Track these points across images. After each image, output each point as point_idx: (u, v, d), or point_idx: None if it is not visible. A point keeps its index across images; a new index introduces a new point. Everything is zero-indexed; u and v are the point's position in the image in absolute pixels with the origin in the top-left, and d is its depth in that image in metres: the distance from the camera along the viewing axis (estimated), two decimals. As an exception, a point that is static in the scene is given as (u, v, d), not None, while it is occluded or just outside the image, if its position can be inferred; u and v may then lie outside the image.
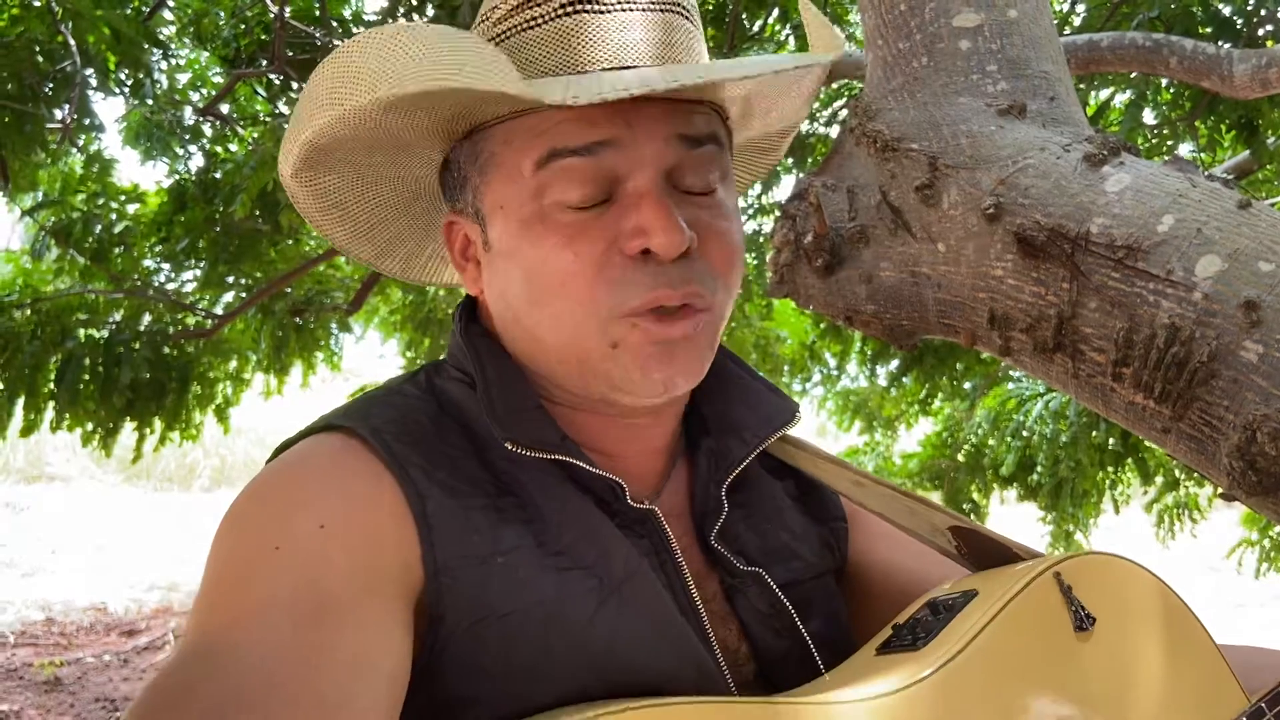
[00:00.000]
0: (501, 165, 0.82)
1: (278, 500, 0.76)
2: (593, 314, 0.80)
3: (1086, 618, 0.79)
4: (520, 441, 0.80)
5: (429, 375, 0.91)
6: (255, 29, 4.77)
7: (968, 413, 6.35)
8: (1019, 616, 0.76)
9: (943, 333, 1.16)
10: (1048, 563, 0.81)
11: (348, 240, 0.98)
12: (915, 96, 1.18)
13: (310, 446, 0.81)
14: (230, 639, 0.65)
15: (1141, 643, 0.82)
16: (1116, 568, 0.85)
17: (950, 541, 0.91)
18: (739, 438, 0.92)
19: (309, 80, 0.81)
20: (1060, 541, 6.01)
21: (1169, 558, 6.01)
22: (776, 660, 0.86)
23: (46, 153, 4.28)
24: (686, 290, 0.80)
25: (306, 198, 0.92)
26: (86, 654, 6.79)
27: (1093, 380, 1.02)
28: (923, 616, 0.80)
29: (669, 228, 0.77)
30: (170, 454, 10.84)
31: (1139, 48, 3.08)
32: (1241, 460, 0.89)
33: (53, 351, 4.89)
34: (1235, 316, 0.90)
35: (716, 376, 0.97)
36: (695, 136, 0.82)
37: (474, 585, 0.74)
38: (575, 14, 0.81)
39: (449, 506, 0.76)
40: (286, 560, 0.70)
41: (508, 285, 0.85)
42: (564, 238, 0.79)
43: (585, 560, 0.78)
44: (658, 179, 0.80)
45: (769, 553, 0.91)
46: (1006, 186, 1.06)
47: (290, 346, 5.68)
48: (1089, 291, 0.99)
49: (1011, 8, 1.19)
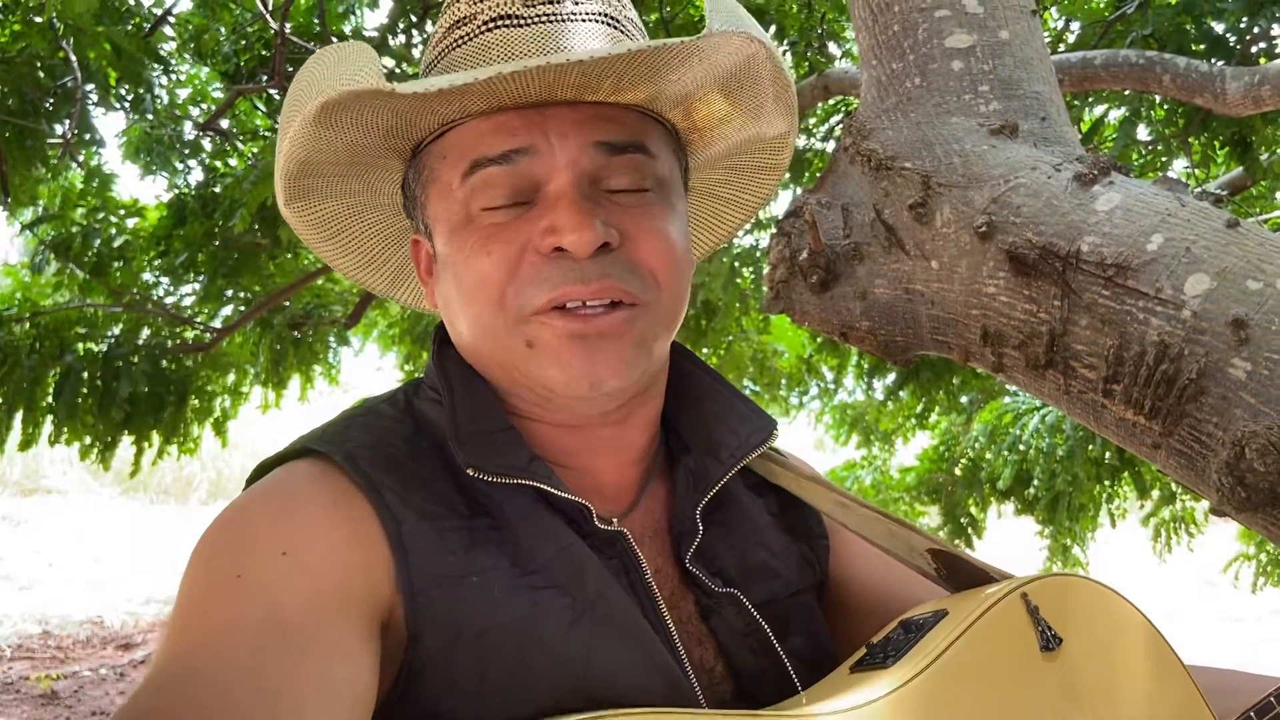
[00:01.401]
0: (438, 180, 0.86)
1: (244, 528, 0.77)
2: (501, 313, 0.82)
3: (1053, 638, 0.80)
4: (484, 468, 0.81)
5: (407, 395, 0.92)
6: (256, 45, 4.79)
7: (965, 427, 6.35)
8: (985, 635, 0.77)
9: (936, 349, 1.17)
10: (1016, 583, 0.82)
11: (356, 269, 1.01)
12: (909, 116, 1.19)
13: (283, 474, 0.82)
14: (193, 664, 0.67)
15: (1109, 664, 0.83)
16: (1085, 589, 0.85)
17: (929, 563, 0.92)
18: (717, 457, 0.93)
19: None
20: (1058, 555, 6.00)
21: (1166, 572, 6.01)
22: (754, 679, 0.86)
23: (47, 167, 4.30)
24: (600, 285, 0.81)
25: (305, 227, 0.94)
26: (83, 667, 6.78)
27: (1084, 396, 1.03)
28: (895, 635, 0.81)
29: (579, 225, 0.79)
30: (167, 467, 10.81)
31: (1132, 65, 3.10)
32: (1231, 476, 0.90)
33: (51, 365, 4.89)
34: (1224, 334, 0.91)
35: (695, 392, 0.98)
36: (616, 143, 0.83)
37: (449, 605, 0.75)
38: (497, 29, 0.84)
39: (423, 529, 0.77)
40: (249, 588, 0.71)
41: (446, 294, 0.88)
42: (482, 240, 0.82)
43: (558, 579, 0.79)
44: (574, 180, 0.82)
45: (747, 571, 0.92)
46: (998, 205, 1.07)
47: (288, 360, 5.68)
48: (1080, 309, 1.00)
49: (1003, 29, 1.20)
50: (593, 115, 0.84)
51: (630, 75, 0.81)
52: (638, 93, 0.86)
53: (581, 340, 0.81)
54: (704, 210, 1.09)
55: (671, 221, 0.87)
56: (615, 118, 0.85)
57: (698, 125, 0.96)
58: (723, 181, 1.06)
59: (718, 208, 1.09)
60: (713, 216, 1.10)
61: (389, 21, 4.28)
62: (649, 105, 0.89)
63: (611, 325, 0.82)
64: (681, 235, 0.89)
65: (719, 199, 1.08)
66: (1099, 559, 6.94)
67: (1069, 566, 6.03)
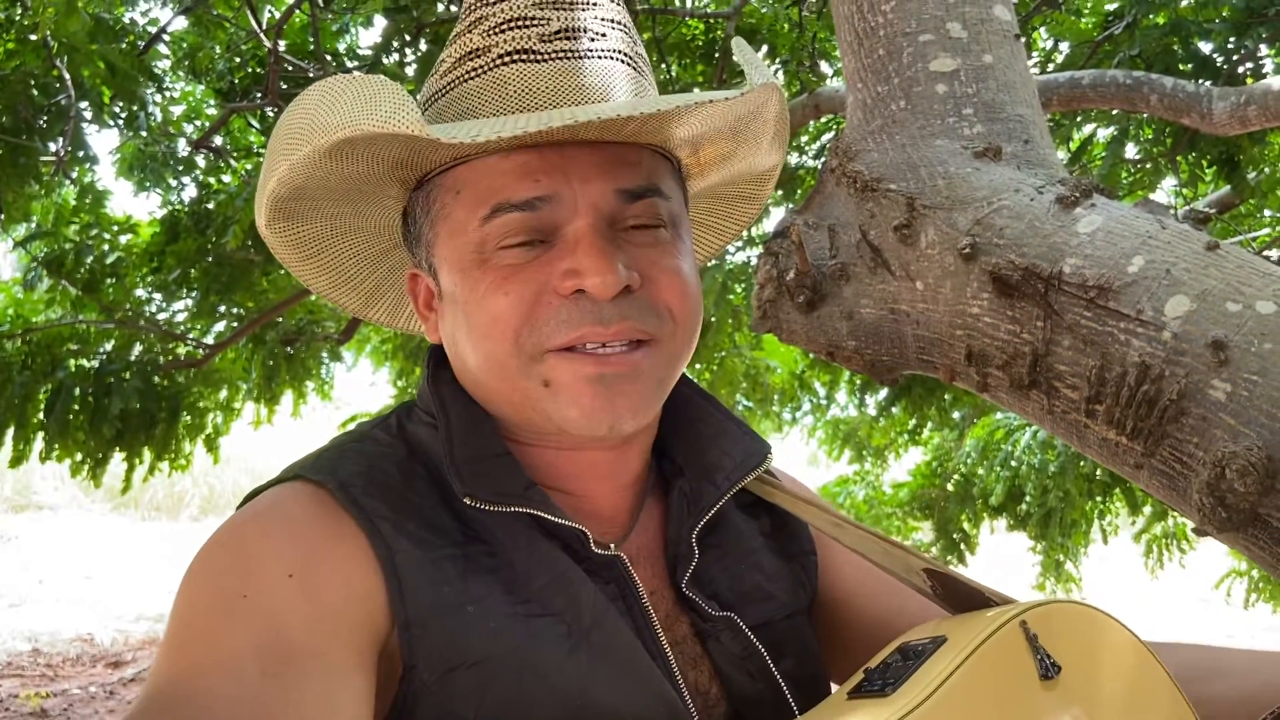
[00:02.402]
0: (450, 217, 0.85)
1: (246, 548, 0.77)
2: (516, 353, 0.82)
3: (1052, 666, 0.80)
4: (480, 496, 0.82)
5: (400, 419, 0.92)
6: (250, 63, 4.82)
7: (957, 442, 6.37)
8: (985, 664, 0.77)
9: (922, 368, 1.18)
10: (1014, 610, 0.82)
11: (330, 289, 1.00)
12: (894, 138, 1.21)
13: (280, 495, 0.82)
14: (196, 686, 0.67)
15: (1106, 692, 0.83)
16: (1083, 616, 0.85)
17: (925, 582, 0.93)
18: (712, 481, 0.93)
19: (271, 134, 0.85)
20: (1050, 572, 6.01)
21: (1158, 588, 6.01)
22: (750, 702, 0.87)
23: (40, 184, 4.31)
24: (620, 327, 0.81)
25: (284, 247, 0.94)
26: (73, 685, 6.74)
27: (1067, 416, 1.04)
28: (893, 661, 0.80)
29: (602, 268, 0.79)
30: (159, 483, 10.79)
31: (1120, 85, 3.13)
32: (1211, 497, 0.91)
33: (43, 381, 4.90)
34: (1204, 356, 0.92)
35: (689, 415, 0.98)
36: (633, 190, 0.84)
37: (445, 635, 0.75)
38: (512, 64, 0.84)
39: (417, 558, 0.78)
40: (254, 609, 0.71)
41: (455, 330, 0.87)
42: (499, 280, 0.82)
43: (554, 607, 0.79)
44: (595, 223, 0.82)
45: (742, 594, 0.92)
46: (982, 227, 1.08)
47: (281, 376, 5.68)
48: (1062, 330, 1.01)
49: (987, 54, 1.22)
50: (612, 159, 0.84)
51: (654, 122, 0.82)
52: (655, 135, 0.87)
53: (601, 382, 0.81)
54: None
55: (684, 257, 0.88)
56: (632, 160, 0.85)
57: (701, 161, 0.97)
58: (705, 209, 1.07)
59: (698, 233, 1.10)
60: (693, 241, 1.11)
61: (383, 40, 4.30)
62: (661, 145, 0.89)
63: (630, 366, 0.82)
64: (693, 270, 0.90)
65: (700, 225, 1.09)
66: (1091, 575, 6.95)
67: (1062, 583, 6.04)
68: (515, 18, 0.85)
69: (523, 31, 0.84)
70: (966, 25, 1.23)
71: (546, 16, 0.84)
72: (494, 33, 0.85)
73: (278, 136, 0.82)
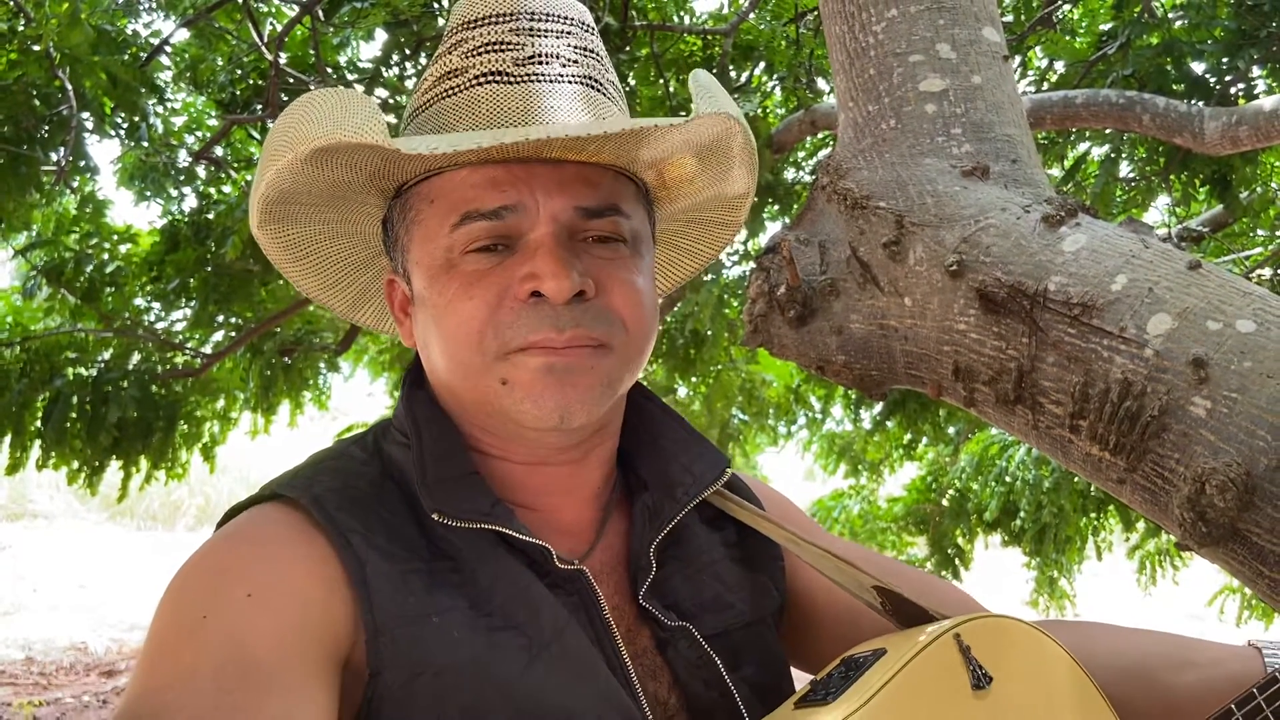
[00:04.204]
0: (424, 224, 0.90)
1: (211, 570, 0.81)
2: (479, 353, 0.86)
3: (984, 676, 0.84)
4: (448, 514, 0.85)
5: (375, 437, 0.97)
6: (251, 75, 4.85)
7: (951, 458, 6.38)
8: (919, 674, 0.82)
9: (910, 383, 1.20)
10: (950, 624, 0.87)
11: (319, 291, 1.05)
12: (884, 157, 1.23)
13: (251, 518, 0.86)
14: (160, 702, 0.71)
15: (1036, 701, 0.88)
16: (1015, 631, 0.90)
17: (875, 599, 0.96)
18: (672, 495, 0.97)
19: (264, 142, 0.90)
20: (1044, 587, 6.02)
21: (1151, 605, 6.02)
22: (705, 710, 0.90)
23: (41, 194, 4.33)
24: (574, 333, 0.85)
25: (275, 248, 0.98)
26: (66, 694, 6.72)
27: (1052, 432, 1.05)
28: (836, 673, 0.86)
29: (558, 273, 0.84)
30: (154, 493, 10.78)
31: (1113, 105, 3.16)
32: (1192, 511, 0.92)
33: (41, 390, 4.90)
34: (1184, 373, 0.94)
35: (652, 431, 1.02)
36: (592, 208, 0.88)
37: (410, 643, 0.79)
38: (486, 84, 0.89)
39: (386, 571, 0.81)
40: (214, 628, 0.75)
41: (425, 334, 0.92)
42: (464, 286, 0.86)
43: (515, 620, 0.83)
44: (555, 231, 0.86)
45: (701, 605, 0.96)
46: (969, 245, 1.10)
47: (278, 386, 5.69)
48: (1047, 346, 1.03)
49: (975, 74, 1.24)
50: (574, 177, 0.88)
51: (611, 143, 0.86)
52: (616, 157, 0.91)
53: (552, 373, 0.85)
54: (661, 258, 1.14)
55: (641, 274, 0.92)
56: (594, 180, 0.89)
57: (667, 184, 1.01)
58: (681, 233, 1.11)
59: (674, 256, 1.14)
60: (669, 264, 1.15)
61: (382, 54, 4.33)
62: (625, 167, 0.93)
63: (580, 359, 0.86)
64: (649, 286, 0.94)
65: (677, 248, 1.13)
66: (1085, 592, 6.95)
67: (1055, 599, 6.04)
68: (492, 42, 0.90)
69: (498, 55, 0.90)
70: (956, 47, 1.26)
71: (522, 42, 0.90)
72: (472, 55, 0.90)
73: (268, 144, 0.88)
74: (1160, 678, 1.01)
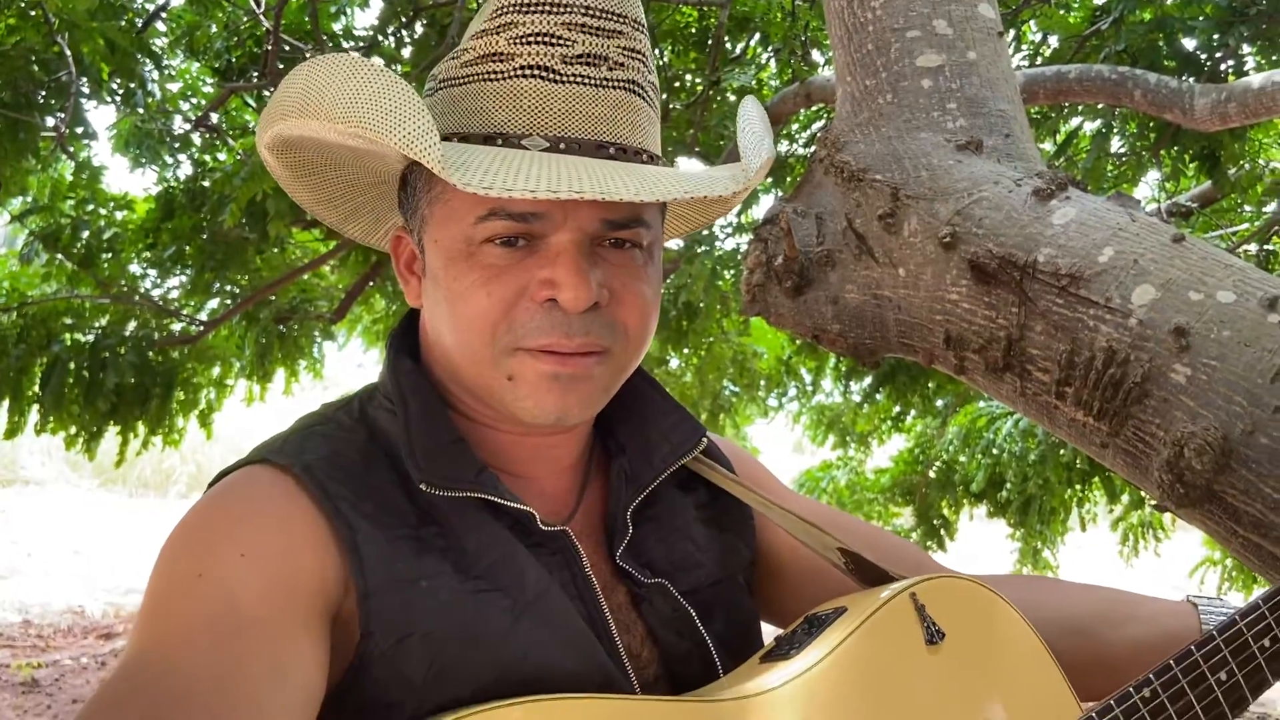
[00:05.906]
0: (448, 204, 0.90)
1: (205, 530, 0.84)
2: (489, 347, 0.89)
3: (937, 632, 0.91)
4: (435, 483, 0.88)
5: (362, 403, 0.99)
6: (248, 42, 4.83)
7: (939, 430, 6.43)
8: (877, 630, 0.89)
9: (903, 352, 1.24)
10: (907, 584, 0.93)
11: (313, 204, 1.06)
12: (880, 130, 1.26)
13: (243, 479, 0.89)
14: (158, 656, 0.75)
15: (986, 655, 0.95)
16: (968, 590, 0.97)
17: (840, 559, 1.02)
18: (649, 462, 1.01)
19: (286, 79, 0.89)
20: (1028, 558, 6.09)
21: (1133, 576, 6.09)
22: (679, 660, 0.95)
23: (38, 159, 4.32)
24: (583, 341, 0.88)
25: (280, 167, 1.00)
26: (64, 656, 6.78)
27: (1039, 398, 1.10)
28: (799, 630, 0.92)
29: (577, 284, 0.86)
30: (147, 460, 10.79)
31: (1105, 80, 3.19)
32: (1171, 474, 0.97)
33: (38, 355, 4.91)
34: (1166, 341, 0.98)
35: (634, 398, 1.05)
36: (619, 222, 0.90)
37: (400, 606, 0.83)
38: (531, 78, 0.89)
39: (375, 537, 0.85)
40: (208, 586, 0.79)
41: (435, 311, 0.94)
42: (482, 278, 0.88)
43: (500, 583, 0.87)
44: (578, 239, 0.88)
45: (674, 563, 1.00)
46: (962, 217, 1.14)
47: (274, 354, 5.70)
48: (1035, 316, 1.07)
49: (971, 50, 1.27)
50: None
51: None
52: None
53: (557, 380, 0.88)
54: None
55: (651, 282, 0.95)
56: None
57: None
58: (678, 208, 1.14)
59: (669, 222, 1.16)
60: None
61: (379, 23, 4.32)
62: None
63: (584, 368, 0.89)
64: (656, 293, 0.96)
65: (672, 215, 1.16)
66: (1069, 562, 7.03)
67: (1039, 569, 6.11)
68: (543, 33, 0.88)
69: (547, 49, 0.88)
70: (952, 23, 1.29)
71: (573, 39, 0.89)
72: (520, 42, 0.89)
73: (290, 94, 0.87)
74: (1101, 633, 1.07)
